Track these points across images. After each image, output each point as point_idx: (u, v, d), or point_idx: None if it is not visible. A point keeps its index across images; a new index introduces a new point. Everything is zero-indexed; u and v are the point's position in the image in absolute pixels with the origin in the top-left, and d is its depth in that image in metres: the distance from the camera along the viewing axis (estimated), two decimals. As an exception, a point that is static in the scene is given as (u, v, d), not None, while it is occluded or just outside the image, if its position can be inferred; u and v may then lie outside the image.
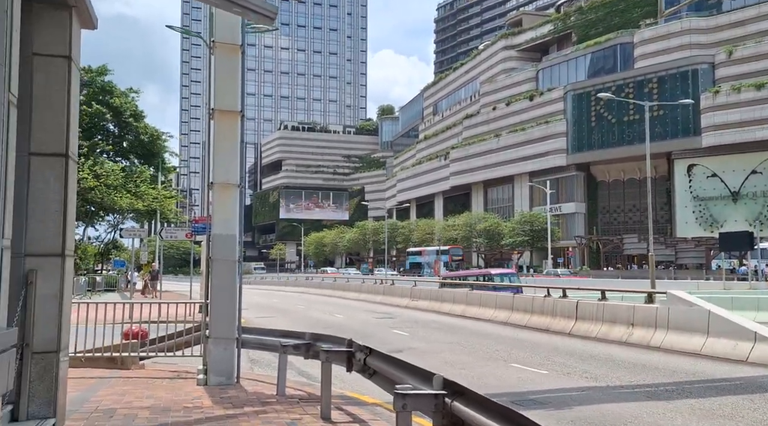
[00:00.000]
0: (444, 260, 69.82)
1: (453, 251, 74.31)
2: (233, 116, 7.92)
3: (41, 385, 5.03)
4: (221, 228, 7.73)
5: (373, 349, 5.51)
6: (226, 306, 7.65)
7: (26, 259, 5.08)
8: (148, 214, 42.52)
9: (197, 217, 18.45)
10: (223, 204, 7.80)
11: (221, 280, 7.68)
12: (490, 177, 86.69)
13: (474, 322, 16.82)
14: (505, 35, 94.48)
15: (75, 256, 23.91)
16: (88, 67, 44.17)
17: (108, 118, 43.69)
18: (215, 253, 7.71)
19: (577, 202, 77.10)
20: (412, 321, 17.37)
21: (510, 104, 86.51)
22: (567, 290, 15.28)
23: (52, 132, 5.17)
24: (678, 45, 69.92)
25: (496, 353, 11.06)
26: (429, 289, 21.75)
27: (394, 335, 13.96)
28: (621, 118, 72.27)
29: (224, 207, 7.80)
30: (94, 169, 39.78)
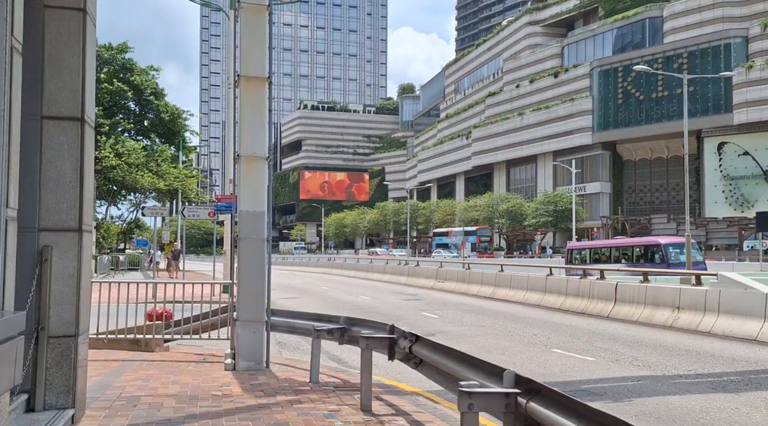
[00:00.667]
0: (471, 241, 68.50)
1: (481, 232, 72.79)
2: (260, 83, 7.36)
3: (59, 373, 4.61)
4: (249, 204, 7.23)
5: (419, 336, 4.98)
6: (254, 287, 7.18)
7: (40, 234, 4.62)
8: (170, 194, 42.47)
9: (219, 195, 18.04)
10: (250, 178, 7.28)
11: (249, 260, 7.19)
12: (513, 156, 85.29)
13: (504, 304, 16.25)
14: (529, 10, 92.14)
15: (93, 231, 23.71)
16: (108, 44, 43.90)
17: (129, 96, 43.48)
18: (243, 231, 7.22)
19: (602, 181, 75.55)
20: (440, 303, 16.86)
21: (534, 81, 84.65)
22: (604, 272, 14.60)
23: (65, 93, 4.66)
24: (710, 18, 67.44)
25: (534, 337, 10.50)
26: (456, 271, 21.19)
27: (423, 318, 13.47)
28: (649, 94, 70.30)
29: (252, 182, 7.28)
30: (116, 148, 39.71)
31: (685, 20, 69.45)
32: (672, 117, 68.05)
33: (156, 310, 8.84)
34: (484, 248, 68.98)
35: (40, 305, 4.58)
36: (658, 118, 69.66)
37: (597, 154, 75.74)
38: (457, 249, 69.23)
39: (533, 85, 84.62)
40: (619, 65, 73.38)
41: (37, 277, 4.56)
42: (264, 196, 7.33)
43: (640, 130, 71.08)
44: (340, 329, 6.54)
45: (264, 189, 7.33)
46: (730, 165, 64.62)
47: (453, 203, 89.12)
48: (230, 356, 7.30)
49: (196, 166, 59.72)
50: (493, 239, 75.08)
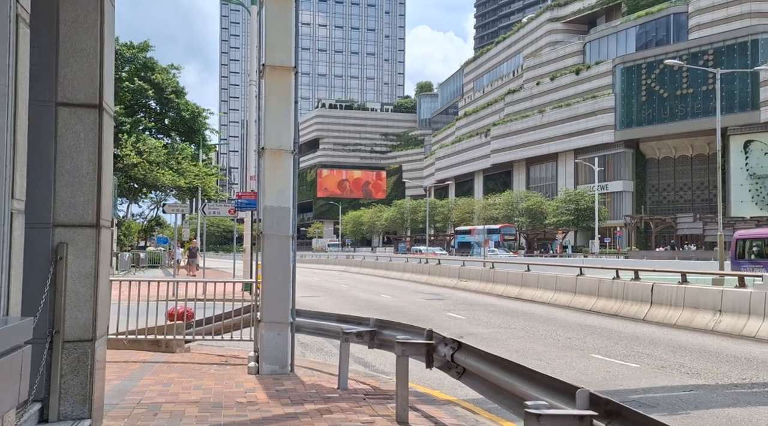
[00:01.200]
0: (495, 240, 66.33)
1: (505, 230, 69.99)
2: (286, 73, 6.99)
3: (74, 380, 4.28)
4: (274, 200, 6.86)
5: (462, 342, 4.56)
6: (279, 287, 6.82)
7: (55, 230, 4.29)
8: (190, 192, 42.55)
9: (240, 192, 17.77)
10: (275, 173, 6.91)
11: (274, 258, 6.83)
12: (533, 154, 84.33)
13: (532, 305, 15.74)
14: (551, 7, 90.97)
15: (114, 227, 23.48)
16: (129, 42, 44.07)
17: (150, 94, 43.60)
18: (267, 228, 6.86)
19: (624, 180, 74.34)
20: (465, 303, 16.40)
21: (555, 79, 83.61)
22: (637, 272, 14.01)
23: (82, 78, 4.32)
24: (737, 14, 65.91)
25: (569, 341, 10.00)
26: (479, 269, 20.70)
27: (449, 319, 13.03)
28: (673, 92, 68.95)
29: (277, 176, 6.92)
30: (137, 146, 39.85)
31: (711, 16, 67.93)
32: (697, 114, 66.65)
33: (177, 309, 8.55)
34: (508, 247, 66.40)
35: (54, 307, 4.25)
36: (682, 115, 68.31)
37: (619, 153, 74.52)
38: (480, 247, 67.64)
39: (554, 83, 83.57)
40: (643, 62, 72.11)
41: (52, 276, 4.23)
42: (289, 191, 6.96)
43: (664, 128, 69.78)
44: (370, 332, 6.15)
45: (289, 184, 6.97)
46: (756, 163, 63.10)
47: (471, 201, 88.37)
48: (254, 359, 6.95)
49: (215, 164, 59.88)
50: (518, 238, 72.42)
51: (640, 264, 23.65)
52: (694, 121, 66.90)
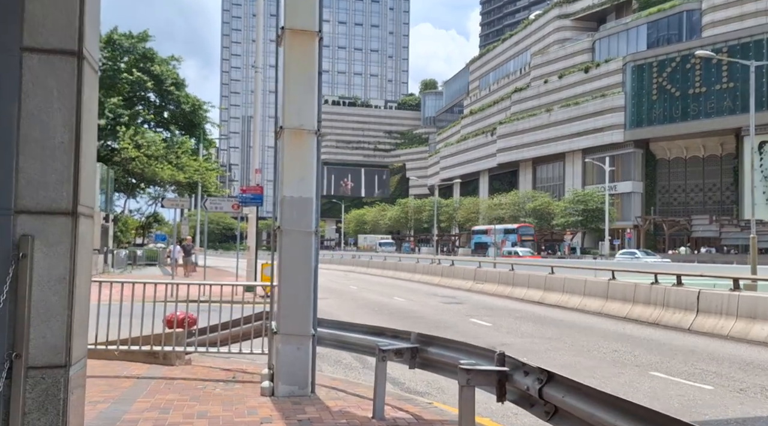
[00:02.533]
0: (512, 240, 63.54)
1: (522, 230, 66.42)
2: (309, 38, 5.90)
3: (42, 419, 3.19)
4: (293, 189, 5.78)
5: (553, 372, 3.47)
6: (299, 292, 5.74)
7: (17, 218, 3.20)
8: (189, 187, 41.45)
9: (245, 186, 16.67)
10: (295, 157, 5.83)
11: (293, 259, 5.74)
12: (540, 154, 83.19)
13: (559, 311, 14.65)
14: (559, 3, 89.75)
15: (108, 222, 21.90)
16: (129, 32, 42.98)
17: (149, 86, 42.49)
18: (285, 222, 5.77)
19: (634, 180, 73.19)
20: (486, 308, 15.32)
21: (563, 77, 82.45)
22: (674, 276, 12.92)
23: (56, 17, 3.23)
24: (753, 11, 64.68)
25: (617, 355, 8.92)
26: (497, 271, 19.59)
27: (474, 326, 11.95)
28: (686, 91, 67.75)
29: (297, 161, 5.83)
30: (135, 139, 38.76)
31: (725, 13, 66.70)
32: (710, 114, 65.48)
33: (177, 314, 7.46)
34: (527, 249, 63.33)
35: (15, 323, 3.16)
36: (695, 115, 67.14)
37: (629, 153, 73.35)
38: (497, 248, 65.00)
39: (562, 81, 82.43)
40: (654, 60, 70.91)
41: (11, 280, 3.13)
42: (312, 178, 5.87)
43: (676, 128, 68.62)
44: (412, 349, 5.08)
45: (312, 170, 5.88)
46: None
47: (477, 201, 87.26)
48: (267, 377, 5.87)
49: (216, 160, 58.80)
50: (536, 238, 68.87)
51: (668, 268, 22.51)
52: (707, 121, 65.74)
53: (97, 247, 28.74)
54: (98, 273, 27.69)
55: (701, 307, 11.24)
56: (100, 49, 42.83)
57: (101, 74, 44.36)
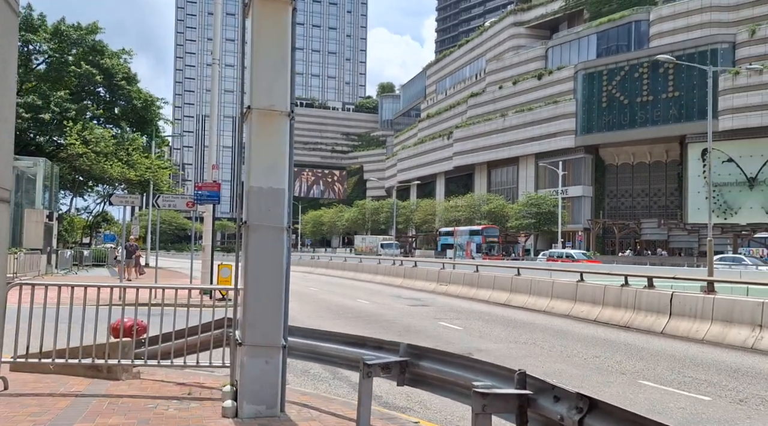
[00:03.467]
0: (477, 241, 62.26)
1: (487, 232, 64.44)
2: (282, 6, 5.19)
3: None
4: (262, 178, 5.04)
5: (596, 400, 2.88)
6: (268, 297, 5.00)
7: None
8: (141, 185, 39.63)
9: (200, 183, 15.60)
10: (265, 142, 5.09)
11: (262, 258, 5.00)
12: (495, 158, 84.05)
13: (527, 313, 14.29)
14: (514, 11, 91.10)
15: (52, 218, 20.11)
16: (77, 23, 40.86)
17: (98, 80, 40.51)
18: (253, 217, 5.03)
19: (584, 185, 74.77)
20: (454, 310, 14.82)
21: (517, 83, 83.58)
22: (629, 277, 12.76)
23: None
24: (698, 23, 67.08)
25: (599, 361, 8.51)
26: (461, 273, 19.16)
27: (444, 329, 11.40)
28: (633, 99, 69.70)
29: (267, 146, 5.10)
30: (83, 135, 36.80)
31: (673, 24, 68.99)
32: (656, 122, 67.56)
33: (124, 321, 6.58)
34: (489, 249, 62.31)
35: None
36: (642, 122, 69.13)
37: (580, 158, 74.91)
38: (462, 250, 63.09)
39: (516, 87, 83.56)
40: (604, 68, 72.71)
41: None
42: (285, 166, 5.15)
43: (624, 135, 70.50)
44: (401, 363, 4.43)
45: (285, 157, 5.16)
46: (714, 171, 64.25)
47: (433, 203, 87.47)
48: (230, 395, 5.10)
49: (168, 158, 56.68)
50: (500, 240, 67.86)
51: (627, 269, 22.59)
52: (653, 129, 67.84)
53: (40, 247, 26.92)
54: (40, 274, 25.91)
55: (675, 310, 11.02)
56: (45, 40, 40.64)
57: (46, 67, 42.07)
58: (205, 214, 17.60)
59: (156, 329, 6.45)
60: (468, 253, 61.96)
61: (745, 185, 62.37)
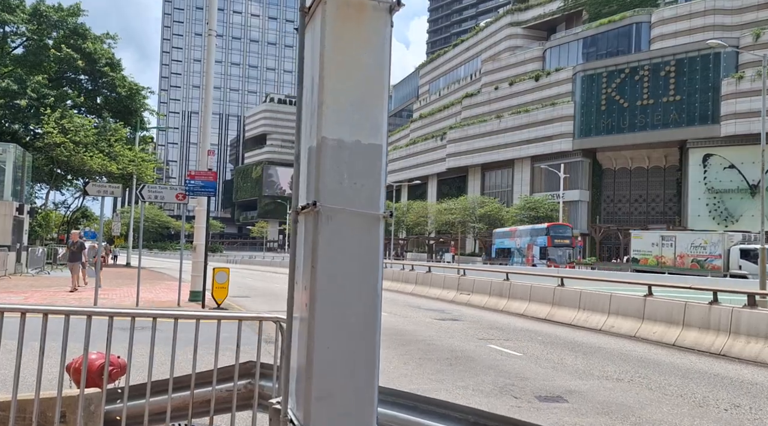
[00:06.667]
0: (540, 244, 50.14)
1: (555, 231, 50.34)
2: None
3: None
4: (346, 125, 2.66)
5: None
6: (351, 342, 2.65)
7: None
8: (123, 179, 36.93)
9: (193, 171, 13.19)
10: (350, 55, 2.73)
11: (342, 270, 2.65)
12: (489, 160, 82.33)
13: (582, 332, 12.10)
14: (511, 11, 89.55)
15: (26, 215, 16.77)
16: (57, 4, 38.10)
17: (80, 65, 37.77)
18: (327, 194, 2.64)
19: (581, 189, 73.30)
20: (493, 327, 12.59)
21: (513, 84, 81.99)
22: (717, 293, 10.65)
23: None
24: (700, 26, 65.89)
25: (746, 413, 6.31)
26: (488, 280, 16.94)
27: (502, 356, 9.14)
28: (634, 102, 68.37)
29: (354, 64, 2.72)
30: (62, 123, 34.09)
31: (675, 27, 67.74)
32: (656, 126, 66.24)
33: (90, 357, 4.21)
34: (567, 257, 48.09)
35: None
36: (641, 126, 67.83)
37: (577, 161, 73.42)
38: (522, 255, 51.27)
39: (513, 88, 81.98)
40: (604, 71, 71.31)
41: None
42: (383, 103, 2.80)
43: (623, 138, 69.16)
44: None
45: (383, 85, 2.80)
46: (715, 178, 62.97)
47: (426, 205, 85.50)
48: None
49: (153, 152, 53.87)
50: (574, 242, 52.96)
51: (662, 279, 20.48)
52: (653, 133, 66.56)
53: (8, 244, 24.24)
54: (7, 274, 23.22)
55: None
56: (23, 21, 37.71)
57: (24, 50, 39.23)
58: (197, 208, 15.21)
59: (141, 371, 4.11)
60: (529, 259, 50.20)
61: (746, 192, 61.16)
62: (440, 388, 6.63)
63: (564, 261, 47.40)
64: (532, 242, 50.97)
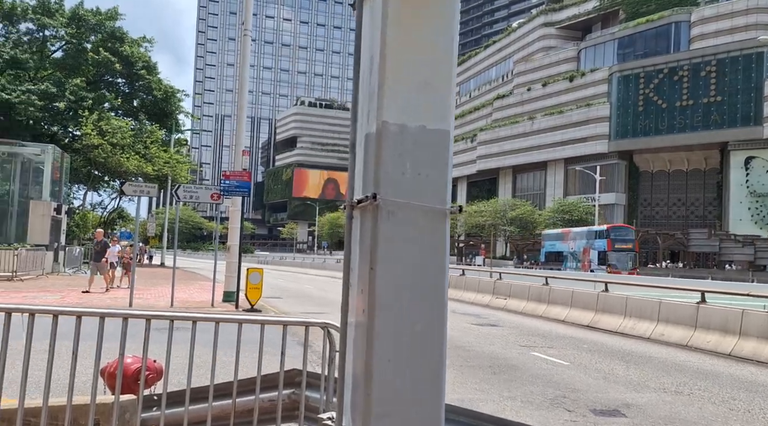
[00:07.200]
0: (599, 248, 45.76)
1: (616, 233, 46.23)
2: None
3: None
4: (410, 108, 2.35)
5: None
6: (415, 353, 2.34)
7: None
8: (158, 180, 37.40)
9: (228, 172, 13.09)
10: (415, 30, 2.42)
11: (406, 272, 2.33)
12: (521, 162, 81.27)
13: (629, 341, 11.54)
14: (545, 11, 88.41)
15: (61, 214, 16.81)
16: (96, 8, 38.85)
17: (117, 68, 38.42)
18: (388, 186, 2.32)
19: (617, 192, 71.73)
20: (534, 333, 12.13)
21: (547, 85, 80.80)
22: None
23: None
24: (743, 25, 63.89)
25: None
26: (525, 284, 16.43)
27: (548, 365, 8.71)
28: (672, 103, 66.64)
29: (420, 40, 2.42)
30: (99, 125, 34.72)
31: (716, 26, 65.82)
32: (696, 128, 64.40)
33: (128, 362, 4.00)
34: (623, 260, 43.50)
35: None
36: (681, 128, 66.06)
37: (612, 164, 71.87)
38: (577, 260, 47.30)
39: (546, 89, 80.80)
40: (641, 71, 69.72)
41: None
42: (450, 85, 2.48)
43: (661, 140, 67.49)
44: None
45: (452, 64, 2.48)
46: (757, 181, 60.87)
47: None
48: None
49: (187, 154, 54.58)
50: (637, 246, 47.93)
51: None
52: (692, 135, 64.72)
53: (46, 243, 24.68)
54: (45, 273, 23.63)
55: None
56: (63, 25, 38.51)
57: (63, 54, 40.11)
58: (231, 208, 15.11)
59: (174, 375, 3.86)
60: (585, 265, 46.44)
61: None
62: (486, 399, 6.26)
63: (626, 267, 43.20)
64: (588, 246, 47.18)
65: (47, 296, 14.65)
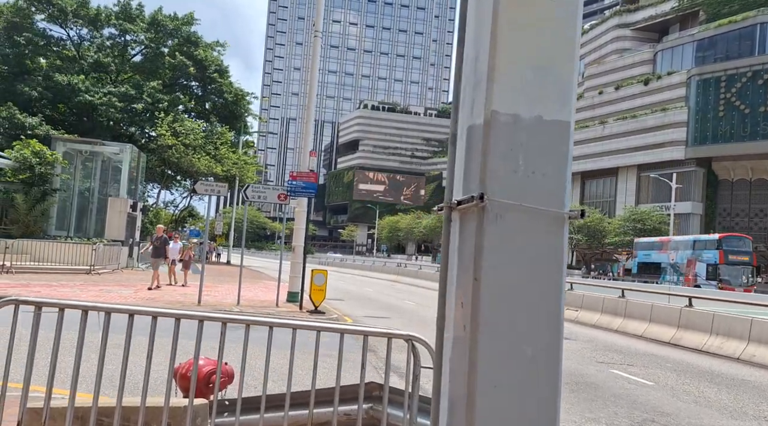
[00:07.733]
0: (709, 260, 40.15)
1: (728, 243, 40.28)
2: None
3: None
4: (522, 97, 2.04)
5: None
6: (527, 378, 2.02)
7: None
8: (227, 180, 38.43)
9: (294, 172, 13.12)
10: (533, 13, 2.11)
11: (517, 282, 2.02)
12: (591, 168, 78.51)
13: (713, 360, 10.68)
14: (619, 12, 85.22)
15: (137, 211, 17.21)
16: (173, 14, 40.44)
17: (191, 71, 39.82)
18: (496, 185, 2.01)
19: (693, 201, 68.04)
20: (610, 349, 11.43)
21: (620, 88, 77.83)
22: None
23: None
24: (835, 26, 59.30)
25: None
26: (599, 296, 15.62)
27: (631, 385, 8.09)
28: (756, 108, 62.67)
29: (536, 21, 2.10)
30: (174, 127, 36.05)
31: (807, 26, 61.44)
32: (785, 133, 60.27)
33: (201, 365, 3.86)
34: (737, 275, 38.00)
35: None
36: (764, 134, 62.00)
37: (689, 171, 68.29)
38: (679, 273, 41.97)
39: (619, 92, 77.84)
40: (723, 74, 65.94)
41: None
42: (572, 71, 2.15)
43: (743, 147, 63.57)
44: None
45: (574, 51, 2.15)
46: None
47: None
48: None
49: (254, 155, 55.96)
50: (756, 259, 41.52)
51: None
52: (777, 141, 60.58)
53: (122, 239, 25.75)
54: (120, 268, 24.63)
55: None
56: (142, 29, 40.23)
57: (142, 58, 42.07)
58: (296, 209, 15.16)
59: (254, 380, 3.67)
60: (689, 278, 41.06)
61: None
62: (568, 420, 5.81)
63: (741, 283, 37.95)
64: (694, 257, 41.80)
65: (122, 290, 15.14)
